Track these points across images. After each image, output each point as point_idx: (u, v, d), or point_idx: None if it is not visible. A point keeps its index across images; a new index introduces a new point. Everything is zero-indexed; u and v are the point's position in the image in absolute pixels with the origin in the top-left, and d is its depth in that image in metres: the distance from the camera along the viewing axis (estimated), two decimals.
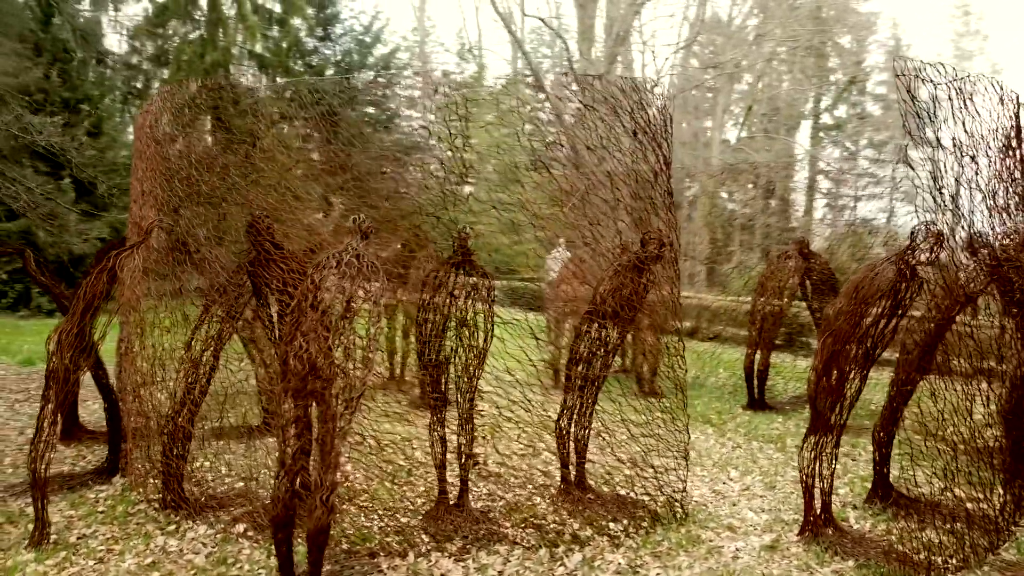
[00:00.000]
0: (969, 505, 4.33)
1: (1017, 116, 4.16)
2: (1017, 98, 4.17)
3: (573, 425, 5.12)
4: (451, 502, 4.79)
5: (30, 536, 4.22)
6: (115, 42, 22.55)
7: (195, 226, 4.47)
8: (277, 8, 24.93)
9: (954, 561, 4.10)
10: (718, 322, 14.13)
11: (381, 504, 4.85)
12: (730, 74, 31.12)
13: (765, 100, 32.88)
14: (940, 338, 4.64)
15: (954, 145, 3.97)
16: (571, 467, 5.15)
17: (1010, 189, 4.12)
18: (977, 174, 4.07)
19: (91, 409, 7.18)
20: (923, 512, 4.78)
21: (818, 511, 4.58)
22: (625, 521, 4.69)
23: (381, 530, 4.48)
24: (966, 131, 4.02)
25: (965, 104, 4.02)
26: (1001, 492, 4.21)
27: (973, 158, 4.04)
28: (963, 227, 4.17)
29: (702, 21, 33.50)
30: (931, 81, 3.92)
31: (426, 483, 5.23)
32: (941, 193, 3.93)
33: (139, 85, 20.86)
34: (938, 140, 3.94)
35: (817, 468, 4.52)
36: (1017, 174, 4.12)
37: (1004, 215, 4.17)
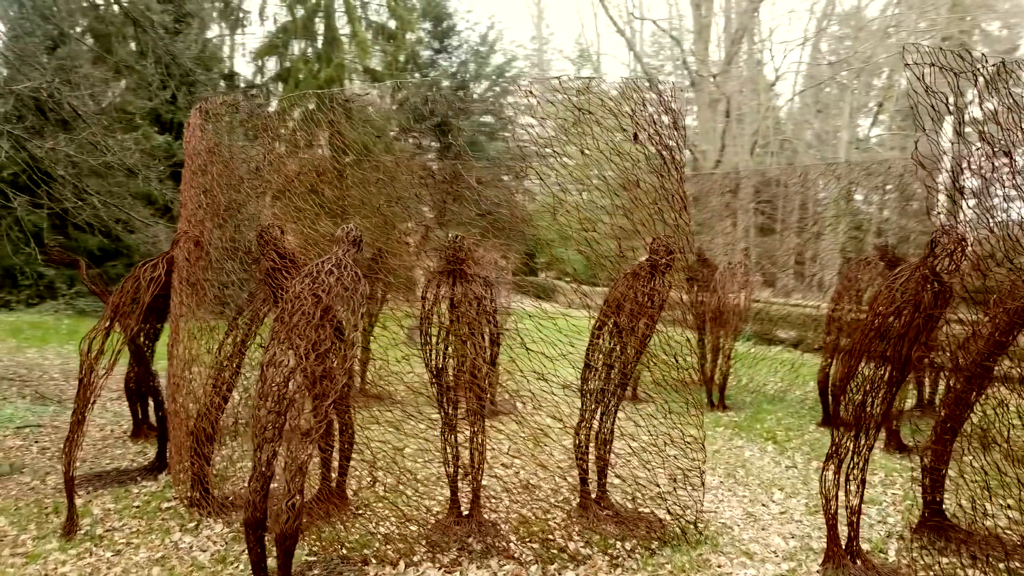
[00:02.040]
0: None
1: None
2: None
3: (593, 438, 4.96)
4: (465, 512, 4.77)
5: (63, 527, 4.55)
6: (241, 64, 24.13)
7: (216, 236, 4.67)
8: (392, 24, 25.81)
9: None
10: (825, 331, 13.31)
11: (395, 511, 4.87)
12: (859, 69, 29.41)
13: (900, 95, 30.82)
14: (999, 352, 4.17)
15: (981, 139, 3.56)
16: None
17: None
18: (1015, 170, 3.63)
19: None
20: (977, 547, 4.32)
21: (846, 541, 4.22)
22: (634, 541, 4.49)
23: (386, 537, 4.50)
24: (998, 123, 3.60)
25: (998, 93, 3.60)
26: None
27: (1008, 152, 3.60)
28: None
29: (829, 15, 31.90)
30: (951, 69, 3.53)
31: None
32: (962, 193, 3.53)
33: (260, 102, 22.12)
34: (958, 134, 3.54)
35: (844, 492, 4.17)
36: None
37: None
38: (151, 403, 6.30)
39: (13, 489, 5.35)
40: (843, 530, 4.24)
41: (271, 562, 3.71)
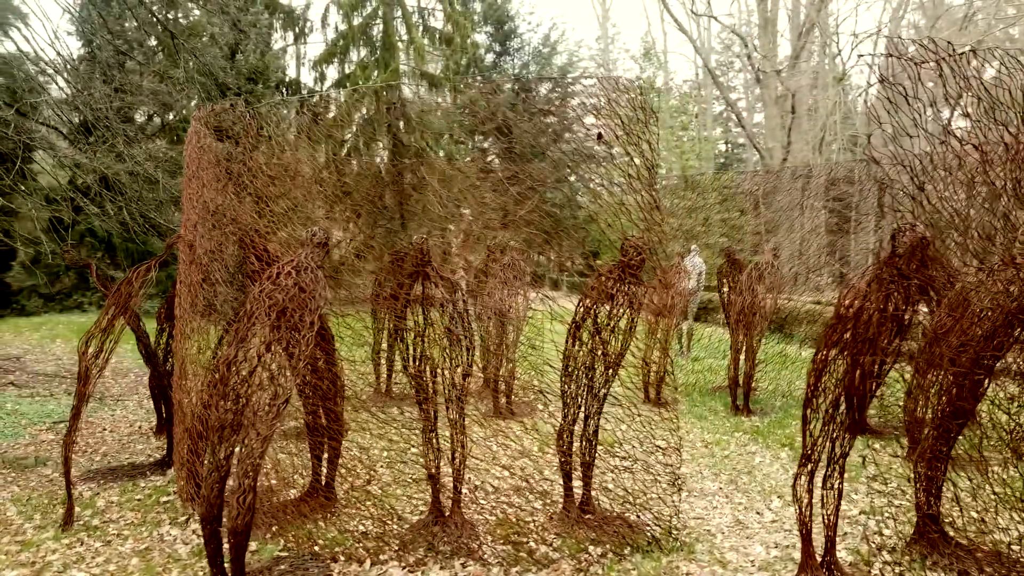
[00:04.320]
0: None
1: None
2: None
3: (577, 441, 4.91)
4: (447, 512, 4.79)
5: (62, 518, 4.79)
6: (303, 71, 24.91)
7: (206, 242, 4.83)
8: (449, 29, 26.12)
9: None
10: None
11: (381, 510, 4.94)
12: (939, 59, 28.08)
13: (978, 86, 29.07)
14: (998, 354, 3.95)
15: (947, 133, 3.38)
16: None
17: None
18: (987, 165, 3.43)
19: None
20: (976, 563, 4.10)
21: (822, 552, 4.06)
22: (607, 546, 4.43)
23: (361, 535, 4.57)
24: (968, 116, 3.41)
25: (970, 84, 3.42)
26: None
27: (978, 147, 3.41)
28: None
29: (905, 2, 30.60)
30: (912, 60, 3.37)
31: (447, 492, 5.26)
32: (923, 191, 3.36)
33: (321, 110, 22.64)
34: (919, 127, 3.37)
35: (822, 501, 4.02)
36: None
37: None
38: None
39: (32, 480, 5.67)
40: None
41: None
